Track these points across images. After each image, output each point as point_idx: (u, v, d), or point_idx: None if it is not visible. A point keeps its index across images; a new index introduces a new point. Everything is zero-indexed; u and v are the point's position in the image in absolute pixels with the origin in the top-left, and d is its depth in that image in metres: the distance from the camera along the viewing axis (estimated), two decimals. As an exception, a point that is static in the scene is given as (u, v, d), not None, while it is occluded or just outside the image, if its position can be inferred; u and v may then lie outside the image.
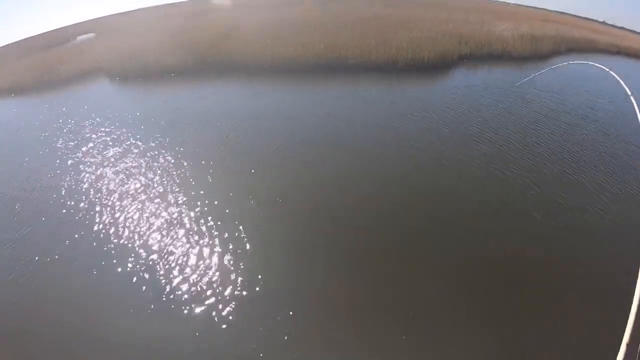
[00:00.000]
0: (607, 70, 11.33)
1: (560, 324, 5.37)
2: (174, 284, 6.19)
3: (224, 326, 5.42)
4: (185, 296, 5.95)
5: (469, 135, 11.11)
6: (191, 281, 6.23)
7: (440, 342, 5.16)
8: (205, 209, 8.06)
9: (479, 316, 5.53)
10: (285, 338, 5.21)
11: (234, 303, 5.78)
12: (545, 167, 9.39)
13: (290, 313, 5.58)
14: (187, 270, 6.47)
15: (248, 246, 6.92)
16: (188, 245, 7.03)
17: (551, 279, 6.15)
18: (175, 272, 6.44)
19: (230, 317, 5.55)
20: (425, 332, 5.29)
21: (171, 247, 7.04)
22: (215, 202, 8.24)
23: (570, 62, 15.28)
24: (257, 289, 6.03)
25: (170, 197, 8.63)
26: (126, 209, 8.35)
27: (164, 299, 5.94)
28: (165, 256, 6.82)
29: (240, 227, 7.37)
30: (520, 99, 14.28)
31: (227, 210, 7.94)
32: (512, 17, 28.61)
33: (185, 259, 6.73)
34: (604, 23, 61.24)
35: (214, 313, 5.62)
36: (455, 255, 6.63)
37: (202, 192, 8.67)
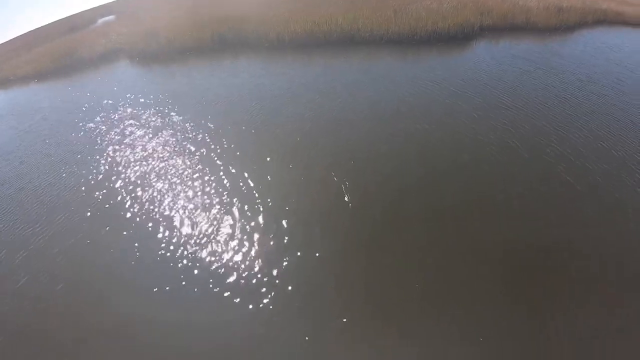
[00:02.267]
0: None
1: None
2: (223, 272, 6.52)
3: (258, 313, 5.73)
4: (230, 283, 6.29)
5: (501, 104, 11.09)
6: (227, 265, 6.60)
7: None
8: (231, 191, 8.46)
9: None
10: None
11: (263, 291, 6.03)
12: (579, 139, 9.23)
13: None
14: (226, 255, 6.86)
15: (288, 229, 7.18)
16: (219, 225, 7.51)
17: (590, 262, 6.09)
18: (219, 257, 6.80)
19: (261, 305, 5.81)
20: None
21: (202, 228, 7.50)
22: (242, 180, 8.68)
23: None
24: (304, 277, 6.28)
25: (199, 177, 9.10)
26: (157, 191, 8.90)
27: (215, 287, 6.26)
28: (201, 239, 7.23)
29: (276, 212, 7.65)
30: (548, 70, 13.86)
31: (257, 189, 8.31)
32: (537, -11, 27.27)
33: (220, 239, 7.19)
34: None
35: (245, 299, 5.94)
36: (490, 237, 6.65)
37: (226, 173, 9.10)
